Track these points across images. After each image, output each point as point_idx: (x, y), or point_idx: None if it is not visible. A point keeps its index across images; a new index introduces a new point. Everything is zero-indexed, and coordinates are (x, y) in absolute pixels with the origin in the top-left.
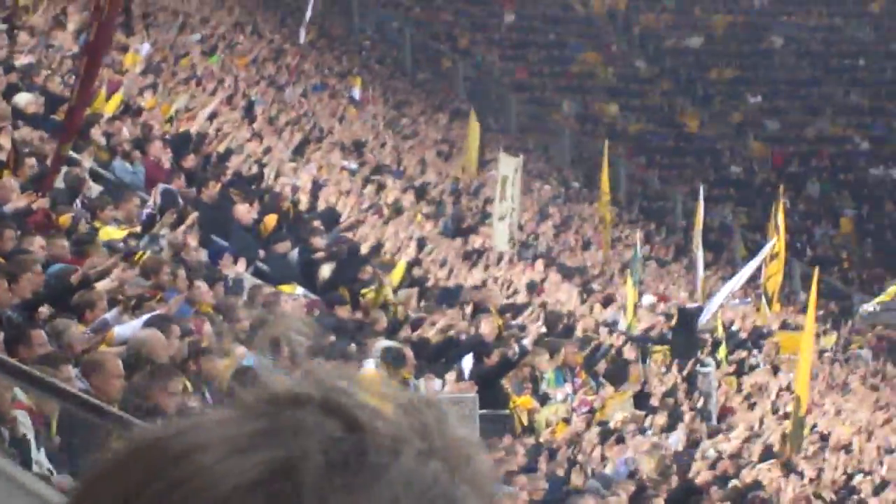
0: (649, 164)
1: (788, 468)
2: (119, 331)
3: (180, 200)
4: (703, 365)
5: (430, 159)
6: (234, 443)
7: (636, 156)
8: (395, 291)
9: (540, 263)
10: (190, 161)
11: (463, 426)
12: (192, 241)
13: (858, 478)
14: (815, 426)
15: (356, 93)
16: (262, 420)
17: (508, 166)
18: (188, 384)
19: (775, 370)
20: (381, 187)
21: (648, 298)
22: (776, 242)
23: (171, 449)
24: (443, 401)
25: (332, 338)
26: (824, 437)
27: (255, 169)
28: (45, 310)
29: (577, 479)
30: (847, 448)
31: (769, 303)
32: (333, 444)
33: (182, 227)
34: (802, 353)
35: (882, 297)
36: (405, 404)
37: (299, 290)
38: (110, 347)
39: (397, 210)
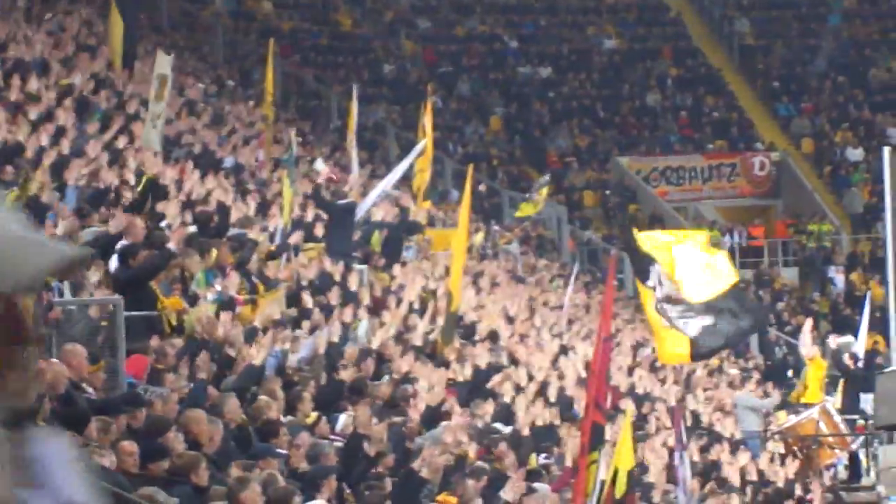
0: (304, 63)
1: (438, 361)
2: None
3: None
4: (355, 262)
5: (75, 55)
6: None
7: (291, 54)
8: (41, 189)
9: (190, 163)
10: None
11: None
12: None
13: (506, 368)
14: (461, 318)
15: None
16: None
17: (165, 65)
18: None
19: (426, 265)
20: (24, 84)
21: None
22: (425, 141)
23: None
24: None
25: None
26: (472, 330)
27: None
28: None
29: (226, 378)
30: (494, 339)
31: (416, 199)
32: None
33: None
34: (455, 248)
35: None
36: None
37: None
38: None
39: (36, 103)
